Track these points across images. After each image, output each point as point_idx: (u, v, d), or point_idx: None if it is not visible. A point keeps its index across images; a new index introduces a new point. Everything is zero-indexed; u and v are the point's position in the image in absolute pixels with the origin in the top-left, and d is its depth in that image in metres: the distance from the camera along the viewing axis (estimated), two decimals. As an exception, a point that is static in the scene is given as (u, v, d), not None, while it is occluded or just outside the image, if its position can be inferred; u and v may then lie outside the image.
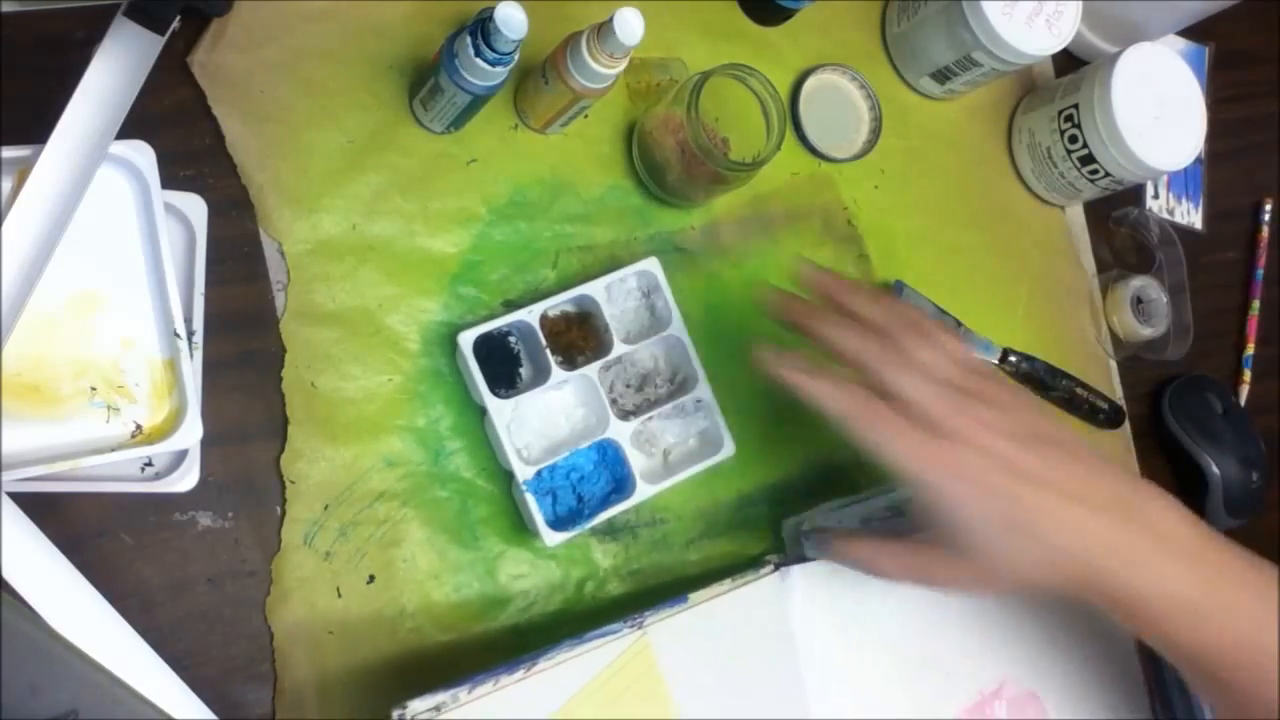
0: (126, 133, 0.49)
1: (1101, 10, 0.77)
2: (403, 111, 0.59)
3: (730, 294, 0.65)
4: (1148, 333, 0.78)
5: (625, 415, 0.58)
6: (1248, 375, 0.85)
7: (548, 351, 0.57)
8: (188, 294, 0.52)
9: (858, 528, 0.62)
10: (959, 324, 0.71)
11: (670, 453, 0.61)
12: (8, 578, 0.45)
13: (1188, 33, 0.85)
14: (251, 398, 0.54)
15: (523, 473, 0.55)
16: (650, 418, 0.59)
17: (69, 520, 0.49)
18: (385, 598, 0.54)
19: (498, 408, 0.55)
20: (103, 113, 0.49)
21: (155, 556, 0.51)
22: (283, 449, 0.53)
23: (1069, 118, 0.73)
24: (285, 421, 0.54)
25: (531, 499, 0.54)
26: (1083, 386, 0.75)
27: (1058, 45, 0.69)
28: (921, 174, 0.74)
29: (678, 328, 0.60)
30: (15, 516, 0.46)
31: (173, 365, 0.50)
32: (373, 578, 0.54)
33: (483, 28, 0.51)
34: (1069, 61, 0.80)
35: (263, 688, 0.52)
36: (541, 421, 0.58)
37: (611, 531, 0.59)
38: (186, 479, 0.51)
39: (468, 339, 0.55)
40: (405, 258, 0.58)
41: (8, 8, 0.51)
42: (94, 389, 0.48)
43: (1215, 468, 0.77)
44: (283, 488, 0.53)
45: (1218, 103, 0.85)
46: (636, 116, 0.64)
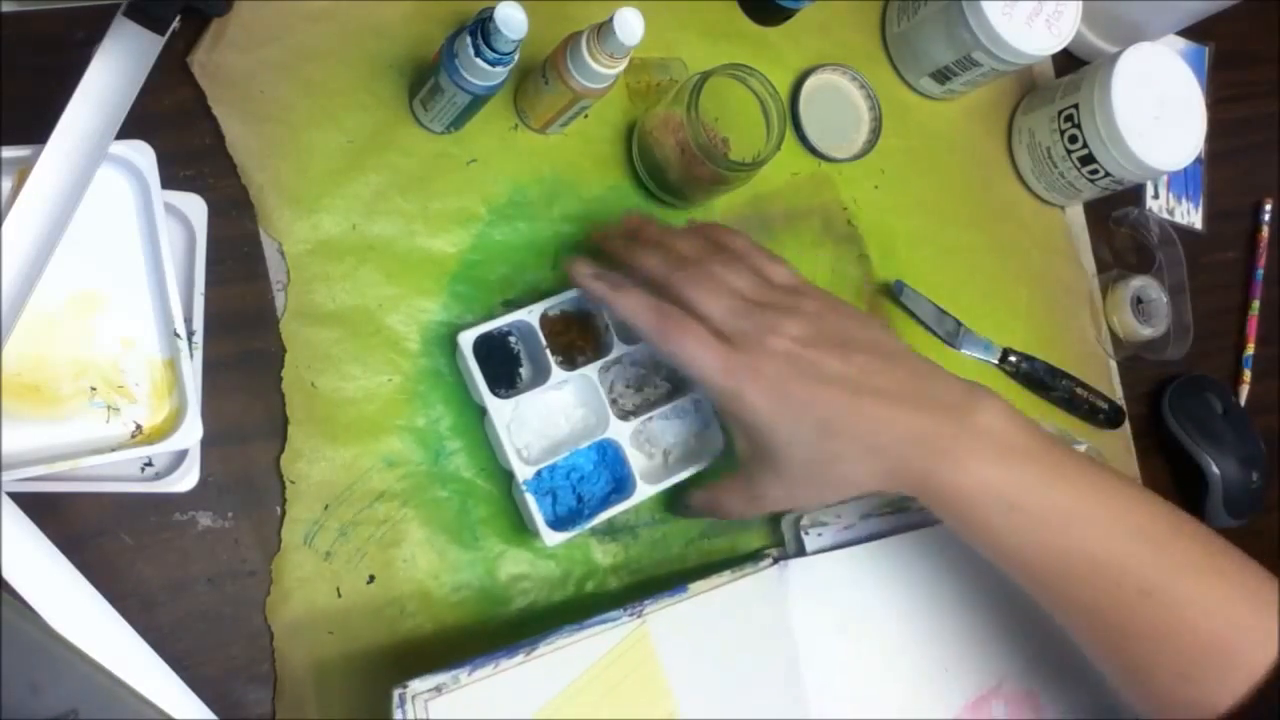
0: (126, 133, 0.49)
1: (1101, 10, 0.77)
2: (403, 111, 0.59)
3: (730, 294, 0.65)
4: (1148, 333, 0.78)
5: (625, 415, 0.58)
6: (1248, 375, 0.85)
7: (547, 351, 0.57)
8: (188, 294, 0.52)
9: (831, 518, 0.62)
10: (959, 325, 0.71)
11: (670, 453, 0.61)
12: (8, 578, 0.45)
13: (1188, 33, 0.86)
14: (251, 398, 0.54)
15: (522, 472, 0.55)
16: (650, 418, 0.59)
17: (69, 520, 0.49)
18: (385, 598, 0.54)
19: (497, 407, 0.55)
20: (103, 113, 0.49)
21: (155, 556, 0.51)
22: (283, 449, 0.53)
23: (1069, 118, 0.73)
24: (285, 421, 0.54)
25: (531, 499, 0.54)
26: (1083, 386, 0.75)
27: (1058, 45, 0.69)
28: (921, 174, 0.74)
29: None
30: (15, 516, 0.46)
31: (173, 365, 0.50)
32: (373, 578, 0.54)
33: (483, 28, 0.51)
34: (1069, 61, 0.80)
35: (263, 688, 0.52)
36: (541, 421, 0.58)
37: (611, 531, 0.59)
38: (186, 479, 0.51)
39: (468, 339, 0.55)
40: (405, 258, 0.58)
41: (8, 8, 0.51)
42: (94, 389, 0.48)
43: (1215, 468, 0.77)
44: (283, 488, 0.53)
45: (1218, 103, 0.85)
46: (636, 116, 0.64)
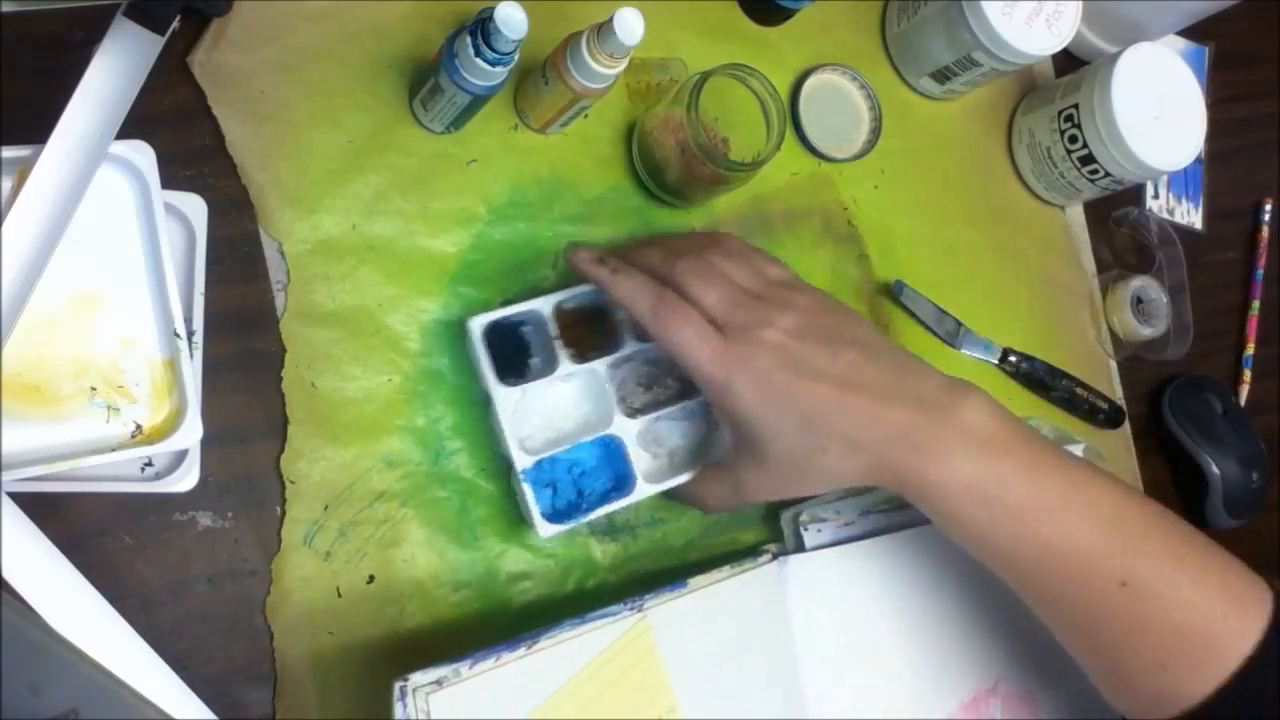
0: (126, 133, 0.49)
1: (1101, 10, 0.77)
2: (403, 111, 0.59)
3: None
4: (1148, 333, 0.78)
5: (633, 413, 0.58)
6: (1248, 375, 0.85)
7: (558, 343, 0.56)
8: (188, 294, 0.52)
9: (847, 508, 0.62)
10: (959, 325, 0.71)
11: (675, 454, 0.60)
12: (8, 578, 0.45)
13: (1188, 33, 0.86)
14: (251, 398, 0.54)
15: (522, 461, 0.54)
16: (657, 418, 0.59)
17: (69, 520, 0.49)
18: (385, 598, 0.54)
19: (503, 395, 0.55)
20: (103, 113, 0.49)
21: (155, 556, 0.51)
22: (283, 449, 0.53)
23: (1069, 118, 0.73)
24: (285, 421, 0.54)
25: (529, 489, 0.54)
26: (1082, 386, 0.75)
27: (1058, 45, 0.69)
28: (921, 174, 0.74)
29: None
30: (15, 516, 0.46)
31: (173, 365, 0.50)
32: (372, 578, 0.54)
33: (483, 28, 0.51)
34: (1069, 61, 0.80)
35: (263, 688, 0.52)
36: (547, 414, 0.58)
37: (611, 531, 0.59)
38: (186, 479, 0.51)
39: (479, 324, 0.55)
40: (405, 258, 0.58)
41: (8, 8, 0.51)
42: (94, 389, 0.48)
43: (1215, 468, 0.77)
44: (283, 488, 0.53)
45: (1218, 103, 0.85)
46: (636, 116, 0.64)
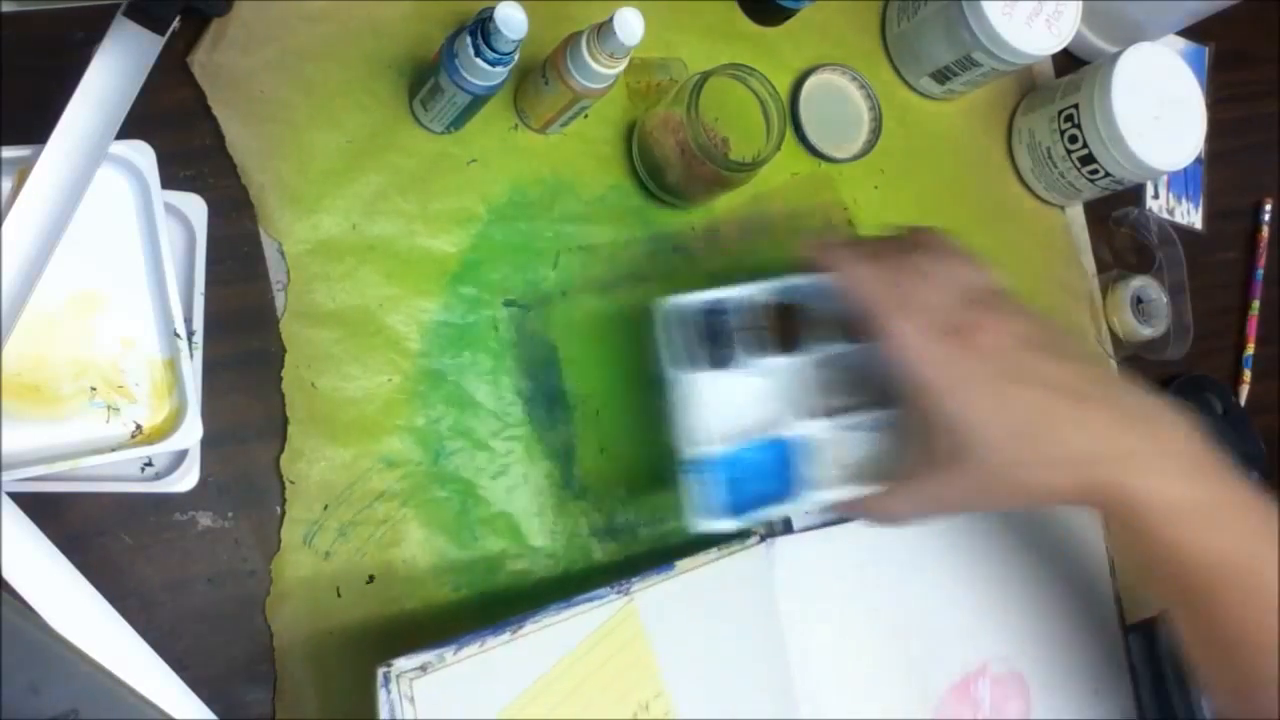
0: (126, 133, 0.49)
1: (1101, 10, 0.77)
2: (403, 111, 0.59)
3: (730, 294, 0.65)
4: (1148, 333, 0.78)
5: (818, 416, 0.55)
6: (1248, 375, 0.85)
7: (750, 334, 0.55)
8: (188, 294, 0.52)
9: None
10: None
11: (852, 466, 0.57)
12: (8, 578, 0.45)
13: (1188, 33, 0.86)
14: (251, 398, 0.54)
15: (696, 451, 0.53)
16: (843, 425, 0.56)
17: (69, 520, 0.49)
18: (385, 598, 0.54)
19: (688, 381, 0.54)
20: (103, 113, 0.49)
21: (155, 556, 0.51)
22: (283, 449, 0.53)
23: (1069, 118, 0.73)
24: (285, 421, 0.54)
25: (698, 479, 0.53)
26: None
27: (1058, 45, 0.69)
28: (921, 174, 0.74)
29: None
30: (15, 516, 0.46)
31: (173, 365, 0.50)
32: (372, 578, 0.54)
33: (483, 28, 0.51)
34: (1069, 61, 0.80)
35: (263, 688, 0.52)
36: (725, 405, 0.56)
37: (611, 530, 0.59)
38: (186, 479, 0.51)
39: (673, 304, 0.54)
40: (405, 258, 0.58)
41: (8, 8, 0.51)
42: (94, 389, 0.48)
43: (1215, 468, 0.77)
44: (283, 488, 0.53)
45: (1218, 103, 0.85)
46: (636, 116, 0.64)
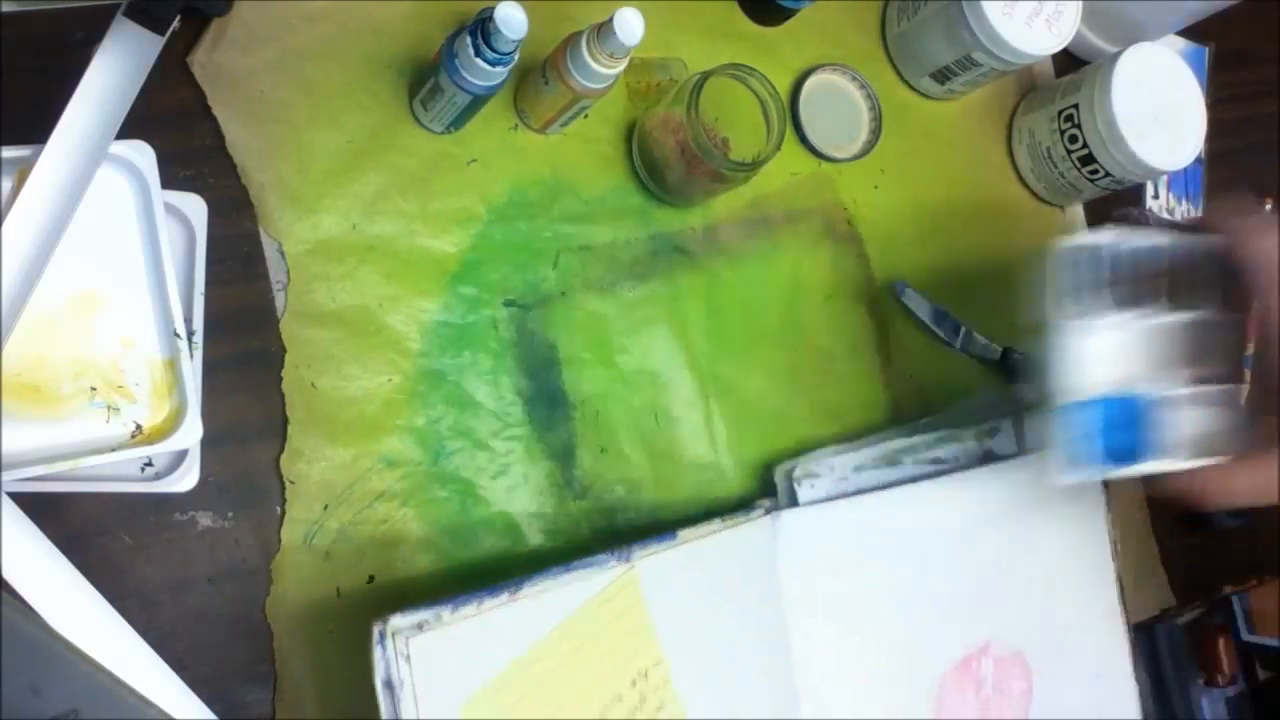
0: (126, 133, 0.49)
1: (1101, 10, 0.77)
2: (403, 111, 0.59)
3: (730, 294, 0.65)
4: (1148, 333, 0.78)
5: (1178, 380, 0.54)
6: (1248, 375, 0.85)
7: (1129, 288, 0.53)
8: (188, 294, 0.52)
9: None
10: (960, 327, 0.71)
11: (1191, 434, 0.55)
12: (8, 578, 0.45)
13: (1188, 33, 0.85)
14: (251, 398, 0.54)
15: (1072, 399, 0.52)
16: (1196, 393, 0.55)
17: (69, 520, 0.49)
18: (385, 598, 0.54)
19: (1073, 327, 0.53)
20: (103, 113, 0.49)
21: (155, 556, 0.51)
22: (283, 449, 0.53)
23: (1069, 118, 0.73)
24: (285, 421, 0.54)
25: (1070, 428, 0.52)
26: None
27: (1058, 45, 0.69)
28: (921, 174, 0.74)
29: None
30: (15, 516, 0.46)
31: (173, 365, 0.50)
32: (372, 578, 0.54)
33: (483, 28, 0.51)
34: (1069, 61, 0.80)
35: (263, 688, 0.52)
36: (1098, 355, 0.54)
37: (612, 530, 0.59)
38: (186, 479, 0.51)
39: (1075, 246, 0.53)
40: (405, 258, 0.58)
41: (8, 8, 0.51)
42: (94, 389, 0.48)
43: (1215, 468, 0.77)
44: (283, 488, 0.53)
45: (1218, 103, 0.85)
46: (636, 116, 0.64)
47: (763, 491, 0.63)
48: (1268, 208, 0.88)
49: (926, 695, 0.61)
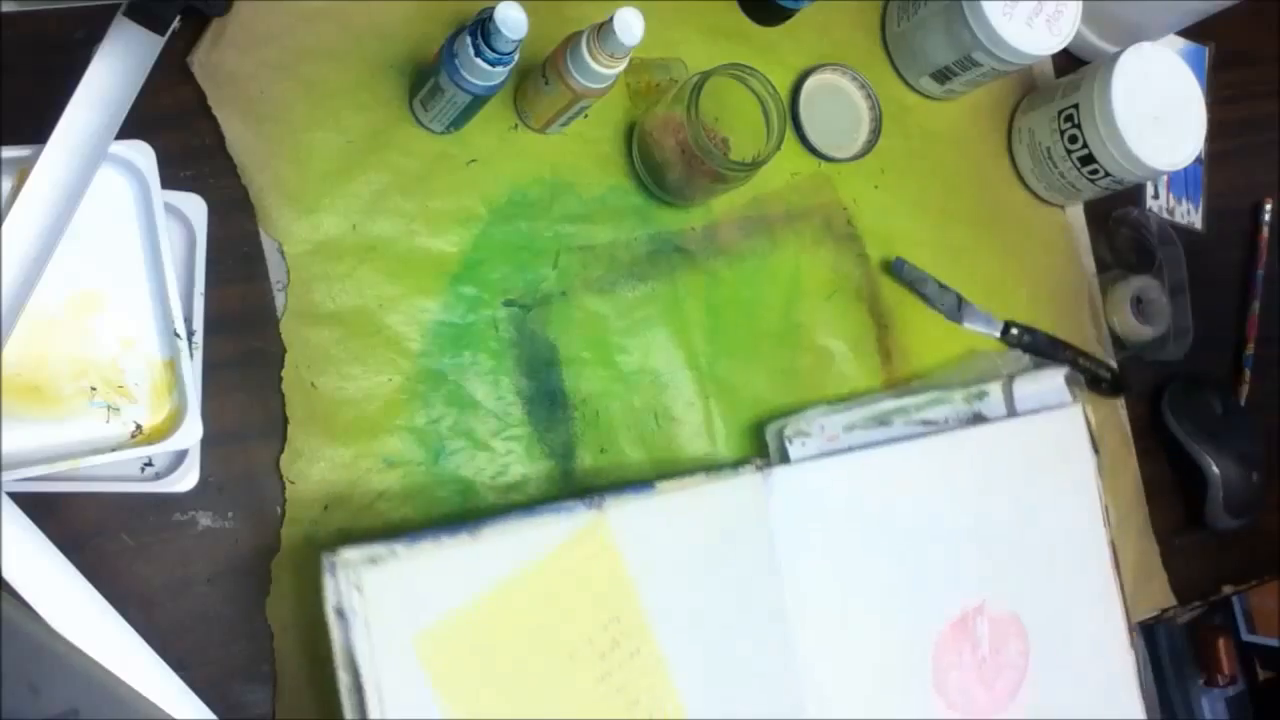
0: (126, 133, 0.49)
1: (1101, 10, 0.77)
2: (403, 111, 0.59)
3: (730, 294, 0.65)
4: (1148, 333, 0.78)
5: None
6: (1248, 375, 0.85)
7: None
8: (188, 294, 0.52)
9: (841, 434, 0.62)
10: (960, 299, 0.71)
11: None
12: (8, 578, 0.45)
13: (1188, 33, 0.86)
14: (251, 398, 0.54)
15: None
16: None
17: (69, 520, 0.49)
18: (385, 598, 0.54)
19: None
20: (103, 113, 0.49)
21: (155, 556, 0.51)
22: (283, 449, 0.53)
23: (1069, 118, 0.73)
24: (285, 421, 0.54)
25: None
26: (1084, 356, 0.75)
27: (1058, 45, 0.69)
28: (921, 174, 0.74)
29: None
30: (15, 516, 0.46)
31: (173, 365, 0.50)
32: (373, 578, 0.54)
33: (483, 28, 0.51)
34: (1069, 61, 0.80)
35: (263, 688, 0.52)
36: None
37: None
38: (186, 479, 0.51)
39: None
40: (405, 257, 0.58)
41: (8, 8, 0.51)
42: (94, 389, 0.48)
43: (1215, 468, 0.77)
44: (283, 488, 0.53)
45: (1218, 103, 0.85)
46: (636, 116, 0.64)
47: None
48: (1267, 208, 0.88)
49: (922, 653, 0.61)
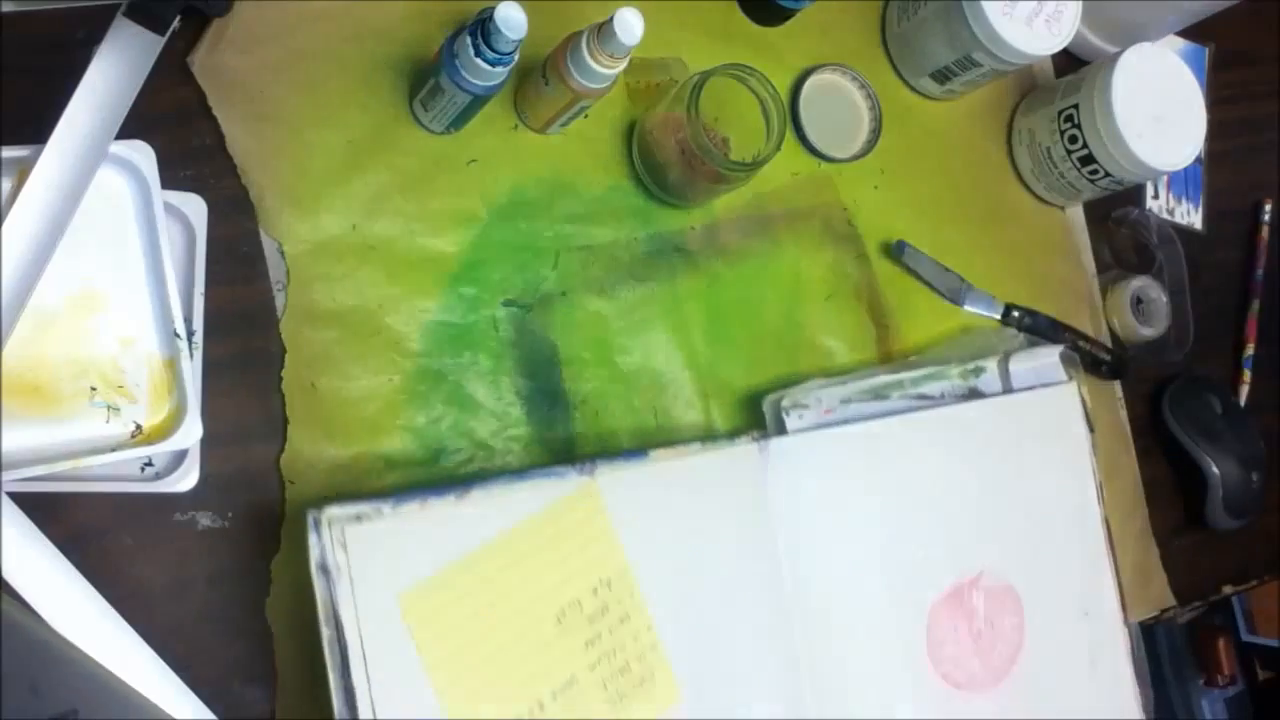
0: (126, 133, 0.49)
1: (1101, 10, 0.77)
2: (403, 111, 0.59)
3: (730, 294, 0.65)
4: (1148, 333, 0.78)
5: None
6: (1248, 375, 0.85)
7: None
8: (188, 294, 0.52)
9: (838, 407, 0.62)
10: (962, 281, 0.71)
11: None
12: (8, 578, 0.45)
13: (1188, 33, 0.86)
14: (251, 398, 0.54)
15: None
16: None
17: (69, 520, 0.49)
18: (385, 598, 0.54)
19: None
20: (103, 113, 0.49)
21: (155, 556, 0.51)
22: (283, 449, 0.53)
23: (1069, 118, 0.73)
24: (285, 421, 0.54)
25: None
26: (1085, 339, 0.75)
27: (1058, 45, 0.69)
28: (921, 174, 0.74)
29: None
30: (15, 516, 0.46)
31: (173, 365, 0.50)
32: (373, 578, 0.54)
33: (483, 28, 0.51)
34: (1069, 61, 0.80)
35: (263, 688, 0.52)
36: None
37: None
38: (186, 479, 0.51)
39: None
40: (405, 258, 0.58)
41: (8, 8, 0.51)
42: (94, 389, 0.48)
43: (1215, 468, 0.77)
44: (283, 488, 0.53)
45: (1218, 103, 0.85)
46: (636, 116, 0.64)
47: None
48: (1267, 208, 0.88)
49: (917, 625, 0.62)
